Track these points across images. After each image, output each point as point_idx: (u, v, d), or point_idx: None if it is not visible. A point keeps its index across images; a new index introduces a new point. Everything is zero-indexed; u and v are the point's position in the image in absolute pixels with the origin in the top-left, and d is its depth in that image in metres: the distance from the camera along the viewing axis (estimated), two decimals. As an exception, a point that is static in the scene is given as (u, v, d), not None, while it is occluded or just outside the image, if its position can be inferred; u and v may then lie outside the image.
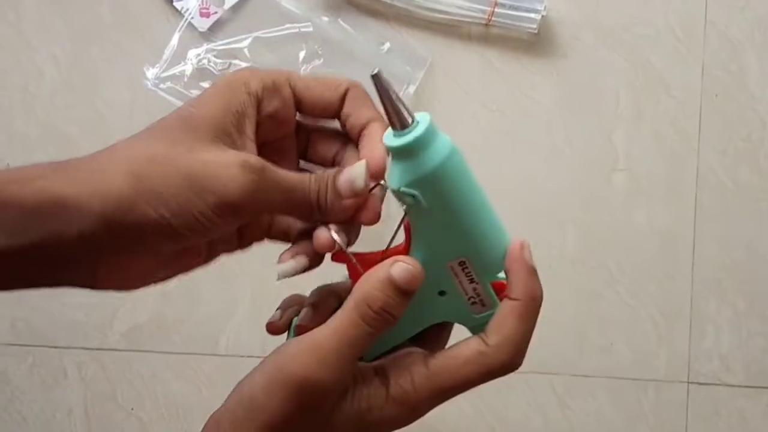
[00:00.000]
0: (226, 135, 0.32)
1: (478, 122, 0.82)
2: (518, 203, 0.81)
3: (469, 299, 0.35)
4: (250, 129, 0.33)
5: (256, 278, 0.79)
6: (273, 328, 0.37)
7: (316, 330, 0.33)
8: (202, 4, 0.80)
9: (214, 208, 0.30)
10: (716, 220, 0.82)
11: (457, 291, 0.35)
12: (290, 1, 0.80)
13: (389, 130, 0.32)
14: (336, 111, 0.36)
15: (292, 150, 0.38)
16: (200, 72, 0.79)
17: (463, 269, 0.34)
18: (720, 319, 0.81)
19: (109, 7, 0.81)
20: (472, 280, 0.34)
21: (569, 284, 0.81)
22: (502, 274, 0.35)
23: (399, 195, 0.32)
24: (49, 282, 0.32)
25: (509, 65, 0.82)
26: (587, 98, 0.82)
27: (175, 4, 0.80)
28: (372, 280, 0.33)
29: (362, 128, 0.35)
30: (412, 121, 0.31)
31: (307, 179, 0.34)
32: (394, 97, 0.31)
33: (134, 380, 0.80)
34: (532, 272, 0.34)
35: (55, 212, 0.29)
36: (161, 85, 0.79)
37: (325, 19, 0.80)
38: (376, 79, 0.30)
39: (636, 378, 0.81)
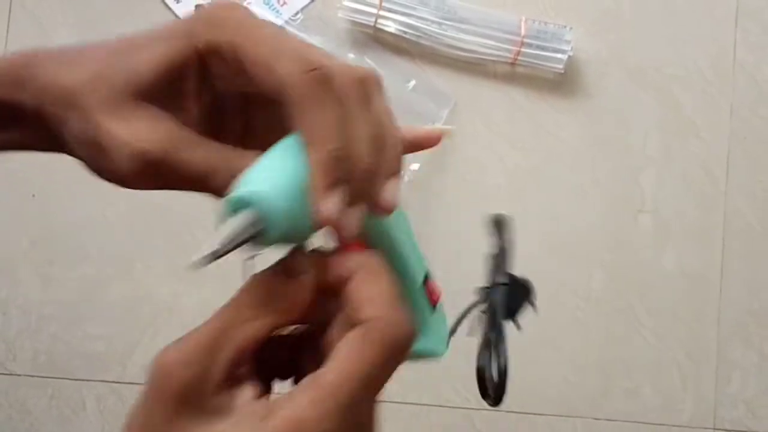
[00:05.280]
0: (158, 92, 0.30)
1: (503, 161, 0.81)
2: (544, 243, 0.80)
3: None
4: (191, 85, 0.30)
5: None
6: None
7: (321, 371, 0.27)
8: (230, 40, 0.80)
9: (110, 178, 0.31)
10: (744, 264, 0.81)
11: None
12: (316, 39, 0.80)
13: None
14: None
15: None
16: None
17: None
18: (746, 364, 0.80)
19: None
20: None
21: (594, 326, 0.80)
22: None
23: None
24: None
25: (535, 104, 0.82)
26: (614, 138, 0.82)
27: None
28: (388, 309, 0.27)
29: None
30: None
31: (217, 167, 0.29)
32: None
33: (153, 414, 0.80)
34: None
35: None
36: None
37: (352, 56, 0.80)
38: None
39: (661, 423, 0.79)
